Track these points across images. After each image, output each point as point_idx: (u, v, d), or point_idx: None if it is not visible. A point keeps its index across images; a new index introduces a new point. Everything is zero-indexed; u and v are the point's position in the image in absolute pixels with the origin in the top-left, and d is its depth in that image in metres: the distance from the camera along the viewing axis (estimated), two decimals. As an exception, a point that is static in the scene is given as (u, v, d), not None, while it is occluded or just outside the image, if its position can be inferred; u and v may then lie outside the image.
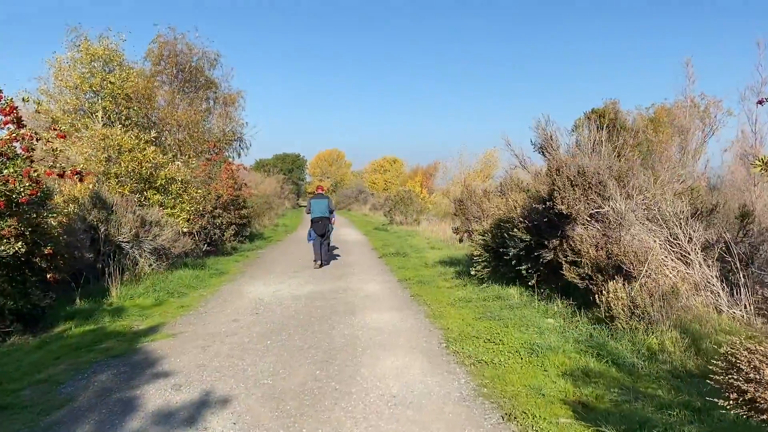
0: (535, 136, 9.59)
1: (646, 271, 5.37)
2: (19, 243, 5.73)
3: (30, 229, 6.21)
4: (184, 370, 4.50)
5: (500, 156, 29.81)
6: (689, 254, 6.05)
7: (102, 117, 15.26)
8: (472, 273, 8.08)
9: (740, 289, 5.33)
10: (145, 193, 10.33)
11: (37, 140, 6.51)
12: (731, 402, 2.59)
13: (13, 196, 5.71)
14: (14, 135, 5.95)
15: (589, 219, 6.06)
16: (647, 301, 5.15)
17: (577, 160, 5.90)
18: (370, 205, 41.23)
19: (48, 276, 6.60)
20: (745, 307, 5.24)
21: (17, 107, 6.33)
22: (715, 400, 2.73)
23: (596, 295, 5.68)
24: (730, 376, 2.62)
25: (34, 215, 6.38)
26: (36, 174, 6.15)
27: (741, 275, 5.33)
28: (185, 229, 10.56)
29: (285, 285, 8.69)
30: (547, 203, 5.92)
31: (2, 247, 5.64)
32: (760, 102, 3.29)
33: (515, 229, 6.62)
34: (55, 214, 6.89)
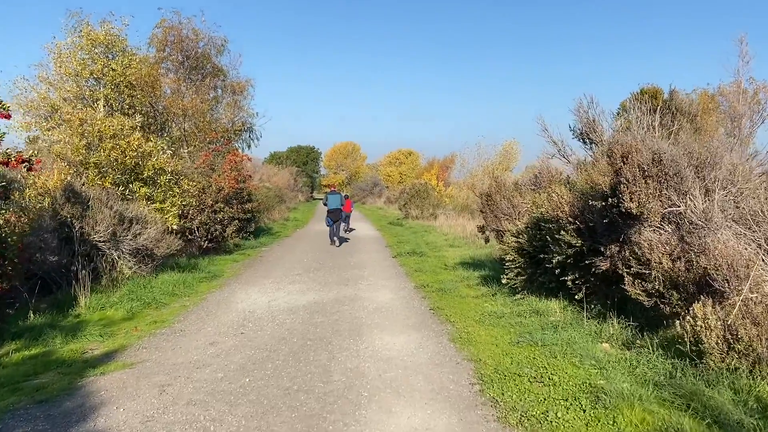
0: (575, 121, 8.27)
1: (746, 289, 4.04)
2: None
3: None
4: (124, 428, 3.30)
5: (520, 148, 28.51)
6: (791, 265, 4.69)
7: (104, 105, 14.31)
8: (503, 281, 6.78)
9: None
10: (130, 185, 9.20)
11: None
12: None
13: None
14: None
15: (660, 221, 4.73)
16: (752, 331, 3.83)
17: (649, 145, 4.56)
18: (385, 198, 40.04)
19: (-6, 285, 5.50)
20: None
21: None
22: None
23: (676, 319, 4.38)
24: None
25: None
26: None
27: None
28: (175, 227, 9.41)
29: (283, 293, 7.47)
30: (610, 200, 4.59)
31: None
32: None
33: (562, 231, 5.31)
34: (3, 211, 5.77)
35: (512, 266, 6.72)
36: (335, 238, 13.81)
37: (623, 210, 4.42)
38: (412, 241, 14.47)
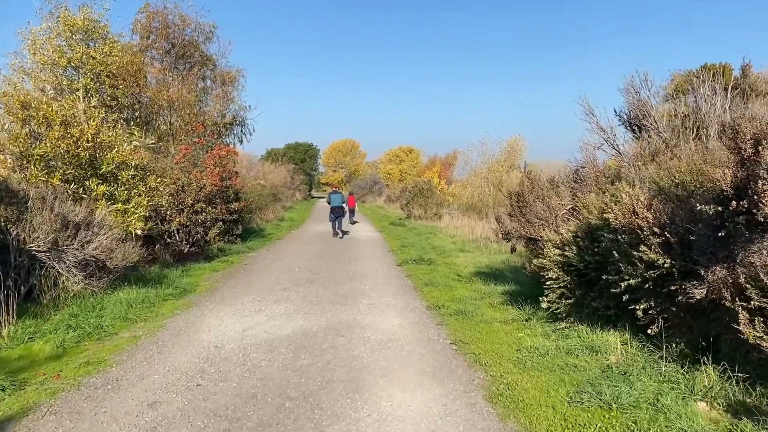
0: (624, 104, 6.82)
1: None
2: None
3: None
4: None
5: (525, 144, 27.16)
6: None
7: (83, 96, 12.88)
8: (543, 306, 5.30)
9: None
10: (86, 182, 7.70)
11: None
12: None
13: None
14: None
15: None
16: None
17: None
18: (385, 197, 38.60)
19: None
20: None
21: None
22: None
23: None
24: None
25: None
26: None
27: None
28: (139, 231, 7.92)
29: (263, 317, 5.98)
30: (731, 204, 3.11)
31: None
32: None
33: (642, 246, 3.83)
34: None
35: (554, 286, 5.24)
36: (339, 231, 15.59)
37: (760, 218, 2.94)
38: (417, 244, 13.01)
